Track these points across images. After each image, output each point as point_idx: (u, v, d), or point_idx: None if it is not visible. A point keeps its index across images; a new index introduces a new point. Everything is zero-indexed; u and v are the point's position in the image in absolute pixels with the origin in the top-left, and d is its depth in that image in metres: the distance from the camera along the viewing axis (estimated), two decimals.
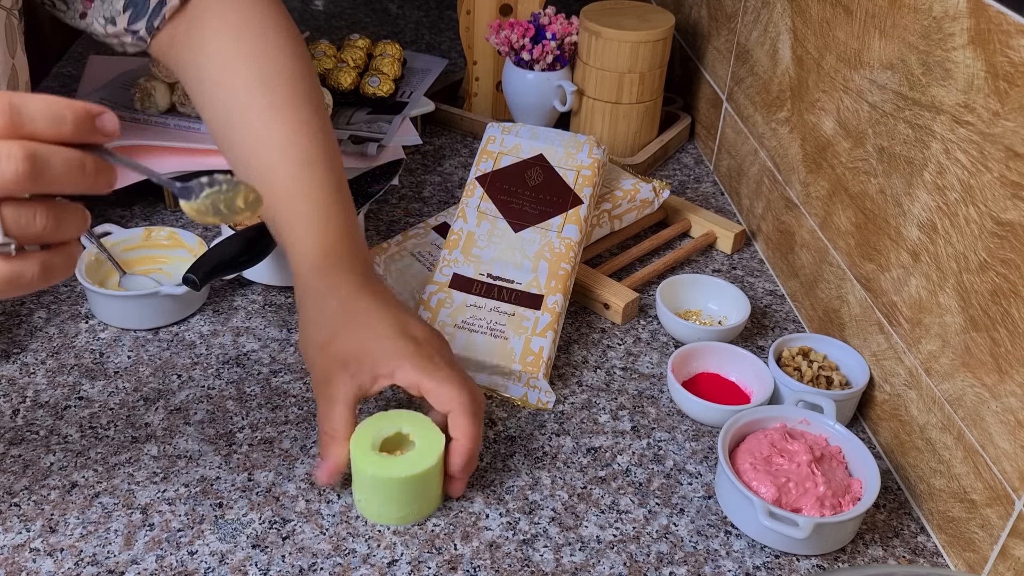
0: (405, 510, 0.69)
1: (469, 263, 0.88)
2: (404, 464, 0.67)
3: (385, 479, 0.67)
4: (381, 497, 0.68)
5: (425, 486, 0.68)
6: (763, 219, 1.04)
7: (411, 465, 0.67)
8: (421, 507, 0.70)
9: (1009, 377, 0.63)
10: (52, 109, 0.46)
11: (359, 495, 0.70)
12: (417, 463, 0.68)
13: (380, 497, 0.68)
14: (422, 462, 0.68)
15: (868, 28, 0.80)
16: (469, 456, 0.69)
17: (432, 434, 0.70)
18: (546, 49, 1.14)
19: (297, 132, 0.79)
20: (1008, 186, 0.62)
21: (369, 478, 0.67)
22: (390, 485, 0.67)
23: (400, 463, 0.68)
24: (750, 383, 0.84)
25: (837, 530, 0.69)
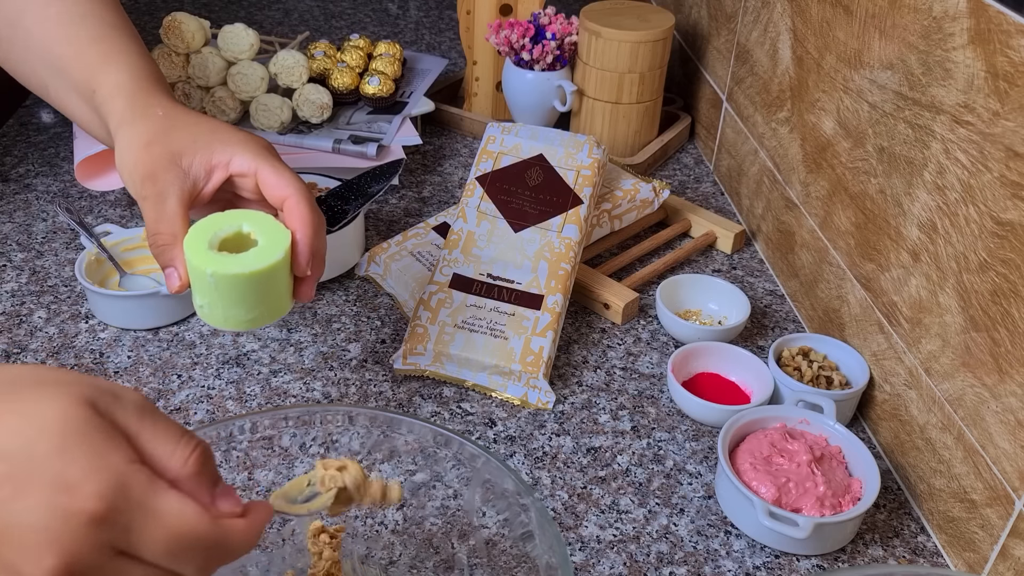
0: (253, 312, 0.63)
1: (469, 263, 0.88)
2: (249, 259, 0.61)
3: (229, 277, 0.60)
4: (226, 299, 0.62)
5: (273, 283, 0.63)
6: (763, 219, 1.04)
7: (256, 259, 0.61)
8: (270, 308, 0.64)
9: (1009, 377, 0.63)
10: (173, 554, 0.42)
11: (201, 300, 0.63)
12: (262, 257, 0.61)
13: (225, 299, 0.62)
14: (268, 255, 0.61)
15: (868, 28, 0.80)
16: (313, 246, 0.63)
17: (277, 230, 0.63)
18: (546, 49, 1.14)
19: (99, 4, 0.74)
20: (1008, 186, 0.62)
21: (210, 278, 0.60)
22: (235, 284, 0.61)
23: (244, 259, 0.61)
24: (750, 383, 0.84)
25: (837, 530, 0.69)
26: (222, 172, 0.65)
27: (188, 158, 0.64)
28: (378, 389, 0.84)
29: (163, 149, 0.64)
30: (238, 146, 0.65)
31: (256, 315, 0.63)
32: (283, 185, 0.64)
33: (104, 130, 0.71)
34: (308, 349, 0.88)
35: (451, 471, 0.68)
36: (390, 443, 0.70)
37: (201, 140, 0.65)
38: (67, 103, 0.74)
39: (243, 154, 0.64)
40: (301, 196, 0.63)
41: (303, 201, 0.63)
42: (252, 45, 1.08)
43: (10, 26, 0.74)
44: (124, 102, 0.68)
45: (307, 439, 0.78)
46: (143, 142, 0.65)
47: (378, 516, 0.70)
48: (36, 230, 1.01)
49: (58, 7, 0.73)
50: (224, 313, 0.63)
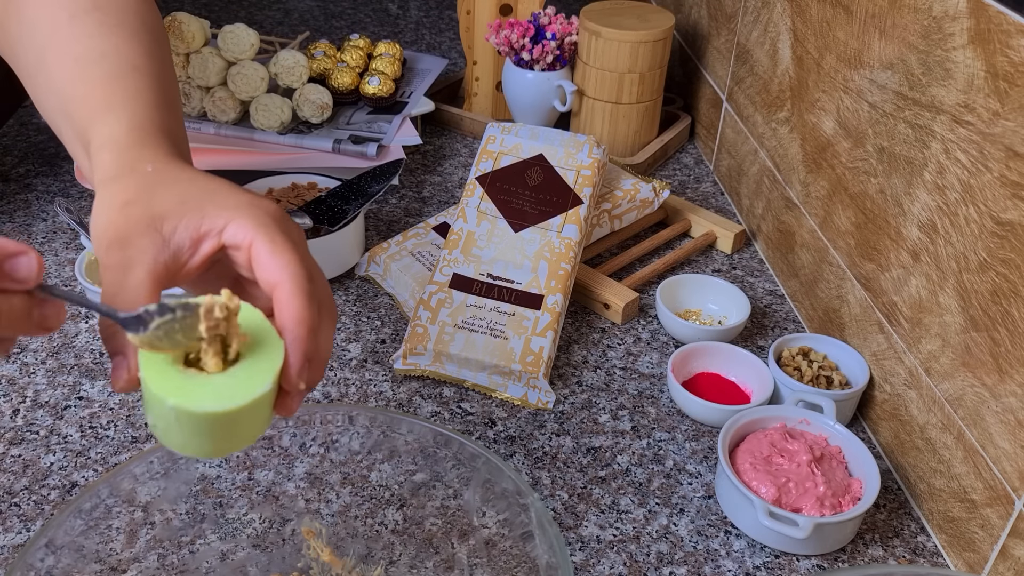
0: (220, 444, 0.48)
1: (469, 263, 0.88)
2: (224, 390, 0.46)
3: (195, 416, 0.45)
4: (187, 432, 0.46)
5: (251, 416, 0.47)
6: (763, 219, 1.04)
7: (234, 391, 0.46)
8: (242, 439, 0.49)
9: (1009, 377, 0.63)
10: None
11: (155, 422, 0.47)
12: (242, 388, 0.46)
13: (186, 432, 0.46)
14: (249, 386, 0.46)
15: (868, 28, 0.80)
16: (308, 353, 0.49)
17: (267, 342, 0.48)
18: (546, 49, 1.14)
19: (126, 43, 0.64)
20: (1008, 186, 0.62)
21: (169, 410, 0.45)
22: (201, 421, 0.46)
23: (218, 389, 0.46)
24: (750, 383, 0.84)
25: (837, 530, 0.69)
26: (213, 241, 0.51)
27: (172, 223, 0.51)
28: (378, 389, 0.84)
29: (142, 211, 0.51)
30: (236, 211, 0.51)
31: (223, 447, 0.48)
32: (276, 268, 0.50)
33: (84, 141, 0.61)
34: None
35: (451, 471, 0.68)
36: (390, 443, 0.70)
37: (191, 202, 0.51)
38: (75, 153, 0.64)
39: (240, 220, 0.51)
40: (295, 286, 0.49)
41: (297, 294, 0.49)
42: (252, 45, 1.08)
43: (36, 65, 0.66)
44: (111, 157, 0.56)
45: (307, 439, 0.78)
46: (121, 201, 0.52)
47: (378, 516, 0.70)
48: (36, 230, 1.01)
49: (83, 45, 0.64)
50: (183, 442, 0.47)
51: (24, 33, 0.67)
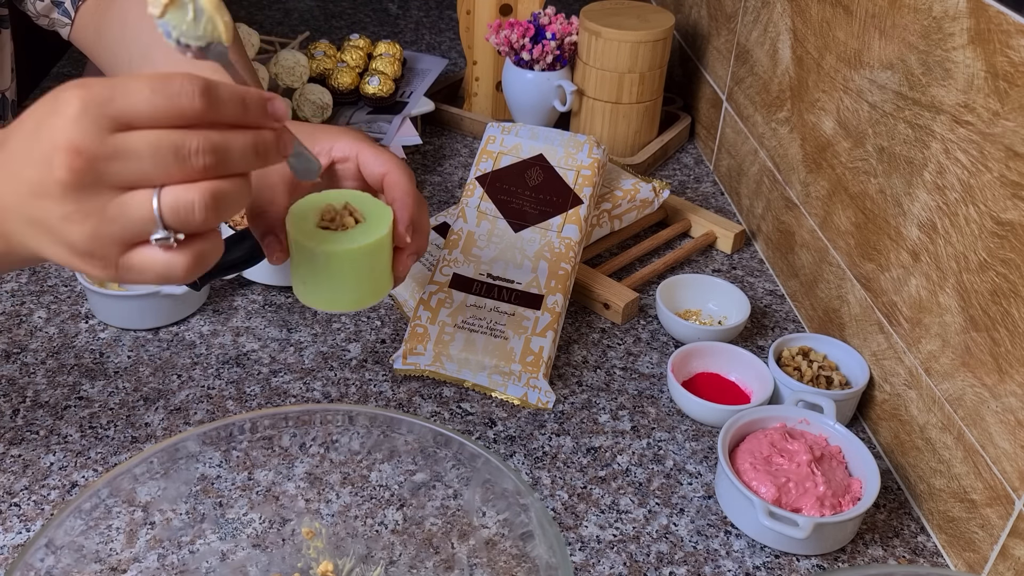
0: (359, 291, 0.62)
1: (469, 263, 0.88)
2: (356, 236, 0.60)
3: (337, 254, 0.60)
4: (333, 278, 0.61)
5: (378, 260, 0.62)
6: (763, 219, 1.04)
7: (363, 235, 0.60)
8: (374, 287, 0.63)
9: (1009, 377, 0.63)
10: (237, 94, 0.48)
11: (305, 281, 0.62)
12: (368, 232, 0.61)
13: (332, 278, 0.61)
14: (373, 231, 0.61)
15: (868, 28, 0.80)
16: (414, 216, 0.64)
17: (377, 206, 0.63)
18: (546, 49, 1.14)
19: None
20: (1008, 186, 0.62)
21: (318, 256, 0.60)
22: (343, 261, 0.60)
23: (351, 236, 0.60)
24: (750, 383, 0.84)
25: (837, 530, 0.69)
26: (324, 159, 0.66)
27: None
28: (378, 389, 0.84)
29: None
30: (339, 134, 0.67)
31: (361, 294, 0.62)
32: (382, 163, 0.65)
33: None
34: (308, 349, 0.88)
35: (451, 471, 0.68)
36: (390, 443, 0.70)
37: (304, 131, 0.66)
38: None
39: (344, 140, 0.66)
40: (401, 171, 0.65)
41: (403, 175, 0.65)
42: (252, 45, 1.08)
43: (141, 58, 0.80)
44: None
45: (307, 439, 0.78)
46: None
47: (378, 516, 0.70)
48: None
49: None
50: (330, 293, 0.62)
51: (127, 34, 0.82)
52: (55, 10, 0.88)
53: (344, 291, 0.62)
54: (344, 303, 0.63)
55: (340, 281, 0.61)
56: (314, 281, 0.62)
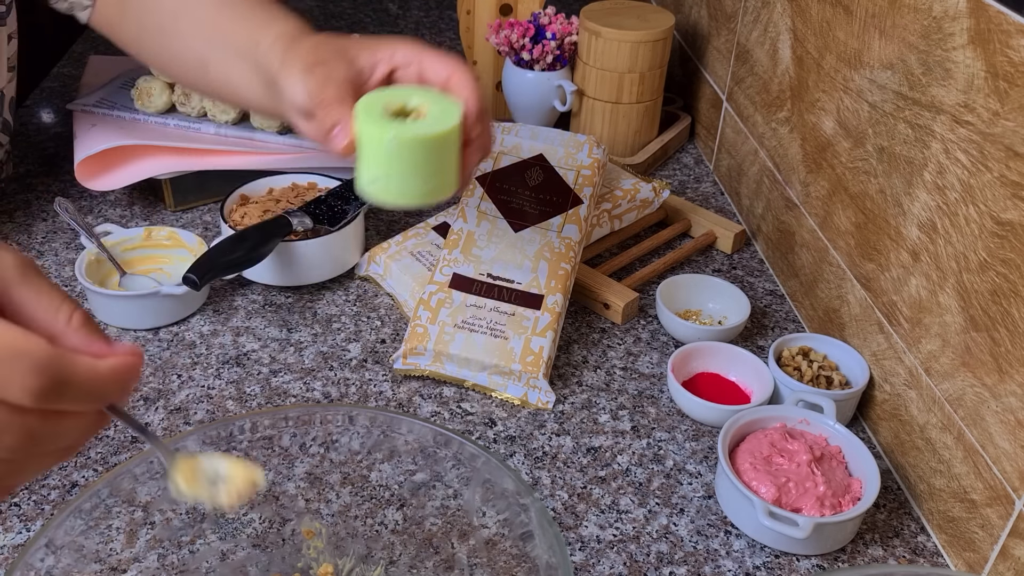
0: (430, 183, 0.62)
1: (469, 263, 0.88)
2: (428, 124, 0.61)
3: (410, 141, 0.59)
4: (405, 168, 0.61)
5: (449, 151, 0.62)
6: (763, 219, 1.04)
7: (435, 123, 0.61)
8: (443, 181, 0.63)
9: (1009, 377, 0.63)
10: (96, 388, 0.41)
11: (375, 172, 0.62)
12: (441, 121, 0.61)
13: (404, 168, 0.61)
14: (446, 119, 0.61)
15: (868, 28, 0.80)
16: (483, 107, 0.66)
17: (445, 99, 0.63)
18: (546, 49, 1.14)
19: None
20: (1008, 186, 0.62)
21: (391, 142, 0.59)
22: (416, 149, 0.60)
23: (423, 124, 0.60)
24: (750, 383, 0.84)
25: (837, 530, 0.69)
26: (386, 65, 0.67)
27: (353, 51, 0.67)
28: (378, 389, 0.84)
29: (331, 46, 0.68)
30: (399, 42, 0.68)
31: (432, 187, 0.62)
32: (446, 65, 0.66)
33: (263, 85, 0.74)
34: (308, 349, 0.88)
35: (451, 471, 0.68)
36: (390, 443, 0.70)
37: (365, 41, 0.69)
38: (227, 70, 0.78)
39: (405, 46, 0.68)
40: (466, 71, 0.66)
41: (469, 75, 0.66)
42: None
43: (173, 18, 0.81)
44: (288, 39, 0.71)
45: (307, 439, 0.78)
46: (312, 44, 0.68)
47: (378, 516, 0.70)
48: (36, 230, 1.01)
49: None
50: (400, 185, 0.62)
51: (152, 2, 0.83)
52: None
53: (415, 182, 0.61)
54: (414, 195, 0.62)
55: (411, 171, 0.61)
56: (385, 173, 0.61)
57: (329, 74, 0.66)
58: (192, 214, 1.05)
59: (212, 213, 1.05)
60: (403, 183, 0.62)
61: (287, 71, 0.69)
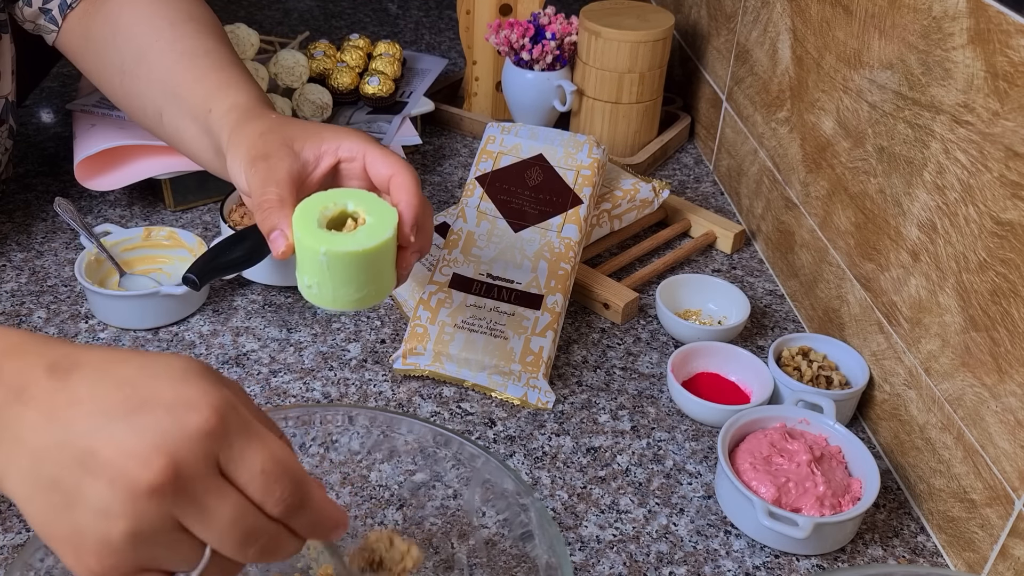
0: (363, 290, 0.64)
1: (469, 263, 0.88)
2: (360, 237, 0.62)
3: (341, 256, 0.61)
4: (337, 278, 0.62)
5: (383, 261, 0.64)
6: (763, 219, 1.04)
7: (367, 237, 0.62)
8: (379, 287, 0.65)
9: (1009, 377, 0.63)
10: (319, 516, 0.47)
11: (309, 280, 0.64)
12: (373, 234, 0.62)
13: (336, 278, 0.62)
14: (378, 233, 0.62)
15: (868, 28, 0.80)
16: (419, 217, 0.65)
17: (383, 207, 0.64)
18: (546, 49, 1.14)
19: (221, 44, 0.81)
20: (1008, 186, 0.62)
21: (323, 256, 0.61)
22: (347, 262, 0.61)
23: (355, 237, 0.62)
24: (750, 383, 0.84)
25: (837, 530, 0.69)
26: (331, 158, 0.67)
27: (299, 143, 0.67)
28: (378, 389, 0.84)
29: (277, 136, 0.67)
30: (347, 134, 0.68)
31: (365, 294, 0.64)
32: (389, 164, 0.66)
33: (212, 150, 0.75)
34: (308, 349, 0.88)
35: (451, 471, 0.68)
36: (390, 443, 0.70)
37: (311, 130, 0.68)
38: (180, 126, 0.79)
39: (351, 140, 0.67)
40: (407, 172, 0.66)
41: (409, 177, 0.66)
42: (252, 45, 1.08)
43: (135, 61, 0.81)
44: (239, 114, 0.72)
45: (307, 439, 0.78)
46: (259, 132, 0.68)
47: (378, 516, 0.70)
48: (36, 230, 1.01)
49: (184, 44, 0.80)
50: (334, 293, 0.63)
51: (119, 37, 0.83)
52: (42, 16, 0.88)
53: (348, 291, 0.63)
54: (348, 303, 0.64)
55: (344, 282, 0.63)
56: (318, 281, 0.63)
57: (271, 171, 0.65)
58: (192, 214, 1.05)
59: (212, 213, 1.05)
60: (337, 292, 0.63)
61: (232, 154, 0.69)
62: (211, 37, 0.82)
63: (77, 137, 1.03)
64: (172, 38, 0.81)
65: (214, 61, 0.79)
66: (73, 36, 0.88)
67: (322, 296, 0.64)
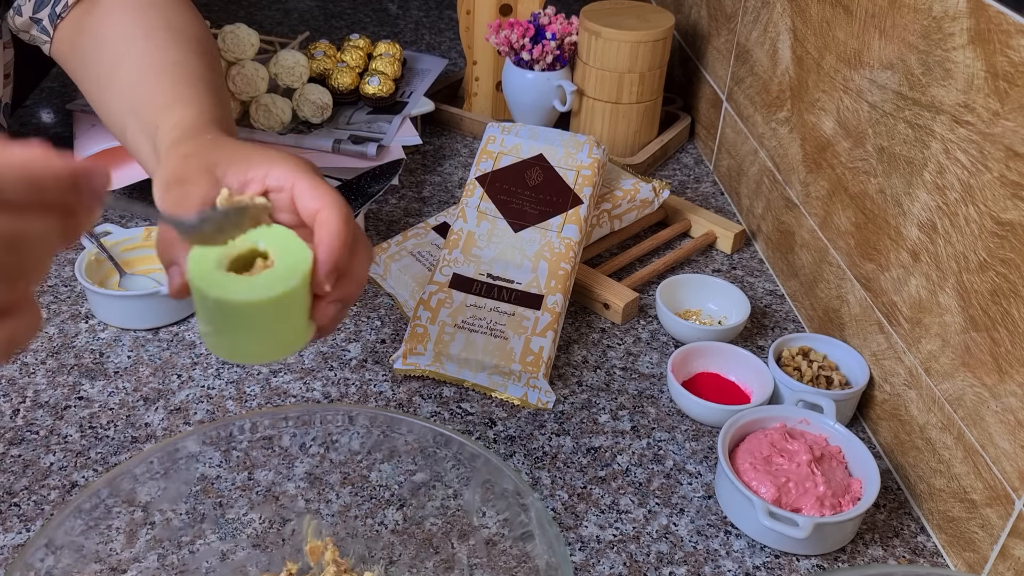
0: (264, 344, 0.55)
1: (469, 263, 0.88)
2: (259, 284, 0.52)
3: (235, 305, 0.52)
4: (232, 328, 0.53)
5: (287, 313, 0.54)
6: (763, 219, 1.04)
7: (268, 285, 0.52)
8: (284, 341, 0.55)
9: (1009, 377, 0.63)
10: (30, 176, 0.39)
11: (204, 327, 0.55)
12: (276, 282, 0.52)
13: (231, 328, 0.53)
14: (282, 280, 0.53)
15: (868, 28, 0.80)
16: (338, 262, 0.56)
17: (297, 250, 0.54)
18: (546, 49, 1.14)
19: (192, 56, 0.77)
20: (1008, 186, 0.62)
21: (214, 303, 0.52)
22: (242, 312, 0.52)
23: (254, 283, 0.52)
24: (750, 383, 0.84)
25: (837, 530, 0.69)
26: (257, 186, 0.59)
27: (223, 168, 0.60)
28: (378, 389, 0.84)
29: (200, 160, 0.61)
30: (278, 160, 0.60)
31: (268, 347, 0.55)
32: (317, 197, 0.57)
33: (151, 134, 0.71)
34: (308, 349, 0.88)
35: (451, 471, 0.68)
36: (390, 443, 0.70)
37: (240, 154, 0.61)
38: (137, 143, 0.74)
39: (282, 167, 0.59)
40: (335, 208, 0.57)
41: (336, 214, 0.57)
42: (252, 45, 1.08)
43: (108, 74, 0.79)
44: (178, 133, 0.66)
45: (307, 439, 0.78)
46: (183, 154, 0.62)
47: (378, 516, 0.70)
48: None
49: (152, 57, 0.76)
50: (231, 344, 0.55)
51: (98, 48, 0.80)
52: (33, 27, 0.87)
53: (247, 343, 0.54)
54: (247, 355, 0.56)
55: (241, 332, 0.54)
56: (213, 329, 0.54)
57: (183, 198, 0.59)
58: None
59: None
60: (233, 343, 0.55)
61: (156, 177, 0.64)
62: (182, 48, 0.77)
63: (77, 137, 1.03)
64: (143, 50, 0.77)
65: (175, 75, 0.74)
66: (63, 46, 0.87)
67: (218, 345, 0.55)
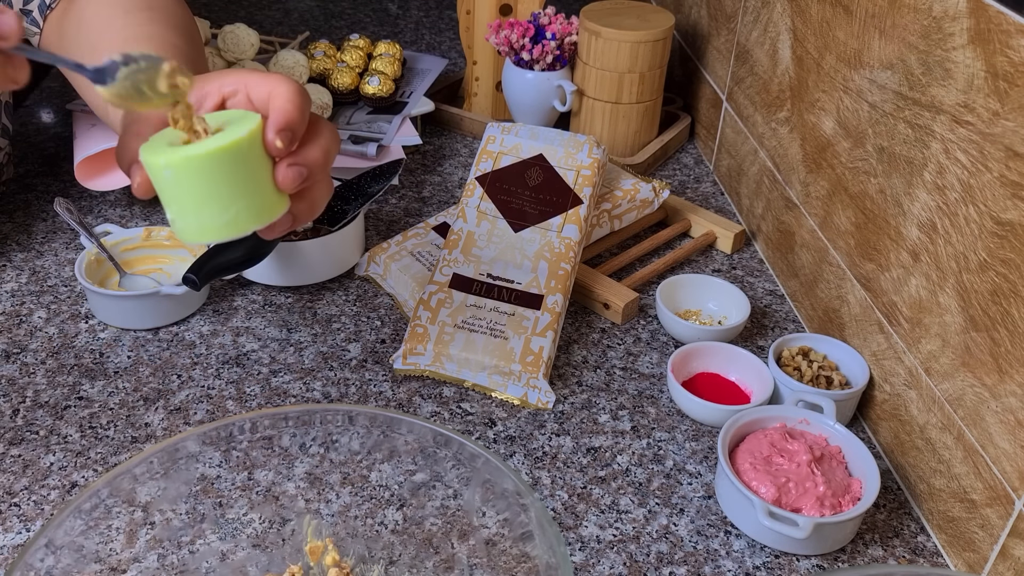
0: (230, 209, 0.52)
1: (469, 263, 0.88)
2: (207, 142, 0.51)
3: (184, 162, 0.50)
4: (192, 196, 0.51)
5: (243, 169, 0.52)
6: (763, 219, 1.04)
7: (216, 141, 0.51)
8: (250, 204, 0.53)
9: (1009, 377, 0.63)
10: None
11: (170, 212, 0.53)
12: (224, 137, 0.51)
13: (192, 198, 0.51)
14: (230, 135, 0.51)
15: (868, 28, 0.80)
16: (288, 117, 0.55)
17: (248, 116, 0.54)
18: (546, 49, 1.14)
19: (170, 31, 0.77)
20: (1008, 186, 0.62)
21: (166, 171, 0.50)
22: (194, 171, 0.50)
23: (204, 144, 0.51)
24: (750, 383, 0.84)
25: (837, 530, 0.69)
26: (215, 96, 0.59)
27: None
28: (378, 389, 0.84)
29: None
30: (228, 72, 0.60)
31: (234, 213, 0.52)
32: (267, 81, 0.57)
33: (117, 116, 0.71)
34: (308, 349, 0.88)
35: (451, 471, 0.68)
36: (390, 443, 0.70)
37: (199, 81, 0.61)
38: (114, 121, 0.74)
39: (232, 75, 0.59)
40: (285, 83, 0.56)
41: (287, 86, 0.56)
42: (252, 45, 1.08)
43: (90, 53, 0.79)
44: None
45: (307, 439, 0.78)
46: None
47: (378, 516, 0.70)
48: (36, 230, 1.01)
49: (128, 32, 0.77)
50: (197, 218, 0.52)
51: (81, 31, 0.81)
52: (23, 19, 0.88)
53: (212, 212, 0.52)
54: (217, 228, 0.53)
55: (202, 199, 0.51)
56: (178, 208, 0.52)
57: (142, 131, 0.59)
58: None
59: None
60: (199, 216, 0.52)
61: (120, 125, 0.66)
62: (161, 24, 0.78)
63: (77, 137, 1.03)
64: (121, 27, 0.78)
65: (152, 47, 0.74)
66: (52, 36, 0.87)
67: (186, 226, 0.53)
